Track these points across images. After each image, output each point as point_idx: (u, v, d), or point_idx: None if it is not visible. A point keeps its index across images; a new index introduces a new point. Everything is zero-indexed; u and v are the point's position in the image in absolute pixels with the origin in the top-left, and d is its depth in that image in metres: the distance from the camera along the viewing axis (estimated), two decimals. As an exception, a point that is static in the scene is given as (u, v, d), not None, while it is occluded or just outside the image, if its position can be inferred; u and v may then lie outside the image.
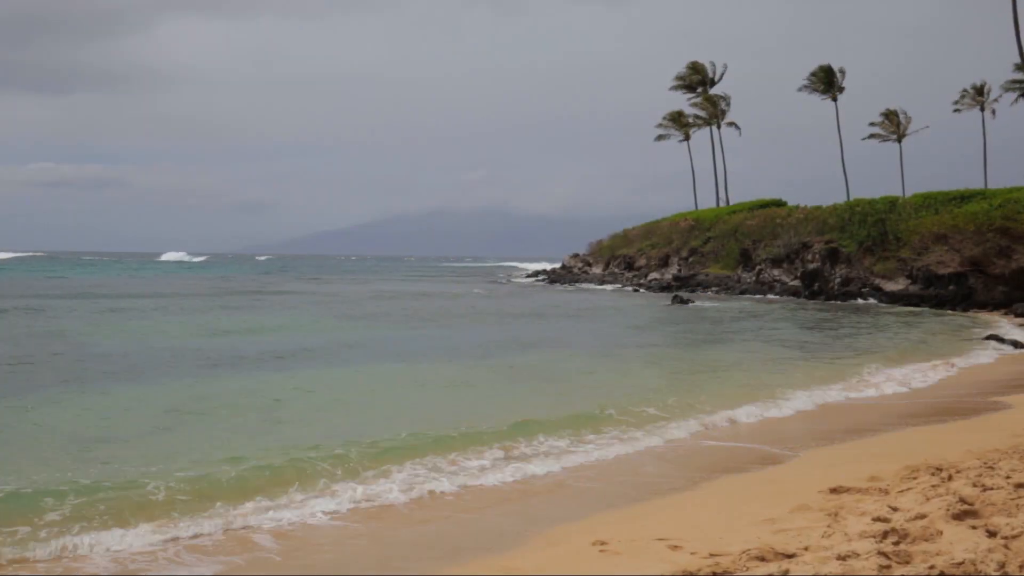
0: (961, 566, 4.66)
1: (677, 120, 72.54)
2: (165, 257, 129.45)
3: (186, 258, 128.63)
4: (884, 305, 38.14)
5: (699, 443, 10.39)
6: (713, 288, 48.38)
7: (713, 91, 69.83)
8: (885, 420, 11.90)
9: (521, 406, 12.35)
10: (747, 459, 9.62)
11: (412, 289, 50.11)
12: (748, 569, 5.21)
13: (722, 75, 70.15)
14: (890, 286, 40.75)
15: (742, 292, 46.33)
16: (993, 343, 21.93)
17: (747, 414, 12.07)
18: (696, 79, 69.82)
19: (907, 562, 4.91)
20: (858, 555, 5.08)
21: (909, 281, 40.12)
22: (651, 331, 25.92)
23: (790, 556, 5.35)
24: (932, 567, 4.72)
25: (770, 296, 44.35)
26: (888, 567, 4.86)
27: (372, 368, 16.68)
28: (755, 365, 17.62)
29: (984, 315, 32.57)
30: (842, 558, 5.08)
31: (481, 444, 9.86)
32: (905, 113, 64.99)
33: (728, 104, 69.56)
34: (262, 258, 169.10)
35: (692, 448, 10.15)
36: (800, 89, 65.41)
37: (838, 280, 43.04)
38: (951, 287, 37.76)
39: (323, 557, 6.58)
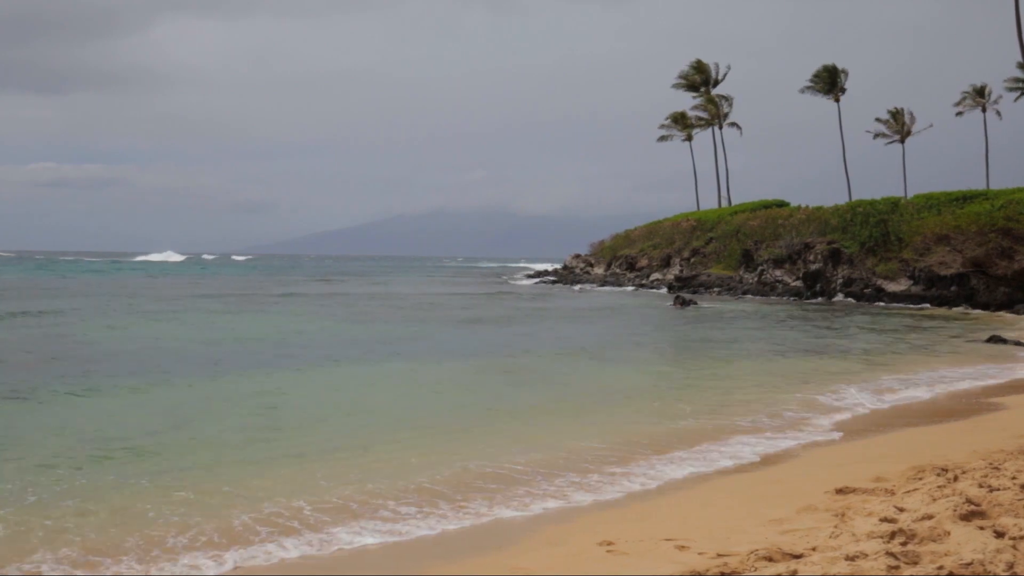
0: (970, 567, 4.67)
1: (680, 121, 72.55)
2: (150, 257, 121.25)
3: (175, 257, 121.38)
4: (886, 306, 38.12)
5: (704, 443, 10.39)
6: (715, 289, 48.36)
7: (715, 91, 69.83)
8: (887, 420, 11.90)
9: (527, 408, 12.37)
10: (753, 460, 9.63)
11: (430, 291, 49.99)
12: (756, 569, 5.22)
13: (725, 75, 70.16)
14: (892, 287, 40.74)
15: (744, 293, 46.32)
16: (996, 344, 21.94)
17: (750, 415, 12.07)
18: (699, 78, 69.74)
19: (915, 562, 4.92)
20: (866, 555, 5.09)
21: (911, 282, 40.11)
22: (657, 333, 25.97)
23: (798, 556, 5.35)
24: (941, 567, 4.73)
25: (772, 297, 44.36)
26: (896, 567, 4.87)
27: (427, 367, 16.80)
28: (758, 367, 17.62)
29: (986, 316, 32.56)
30: (850, 558, 5.08)
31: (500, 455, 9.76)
32: (911, 113, 64.97)
33: (730, 105, 69.58)
34: (240, 258, 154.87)
35: (699, 448, 10.15)
36: (803, 91, 65.39)
37: (840, 281, 43.03)
38: (953, 288, 37.77)
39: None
